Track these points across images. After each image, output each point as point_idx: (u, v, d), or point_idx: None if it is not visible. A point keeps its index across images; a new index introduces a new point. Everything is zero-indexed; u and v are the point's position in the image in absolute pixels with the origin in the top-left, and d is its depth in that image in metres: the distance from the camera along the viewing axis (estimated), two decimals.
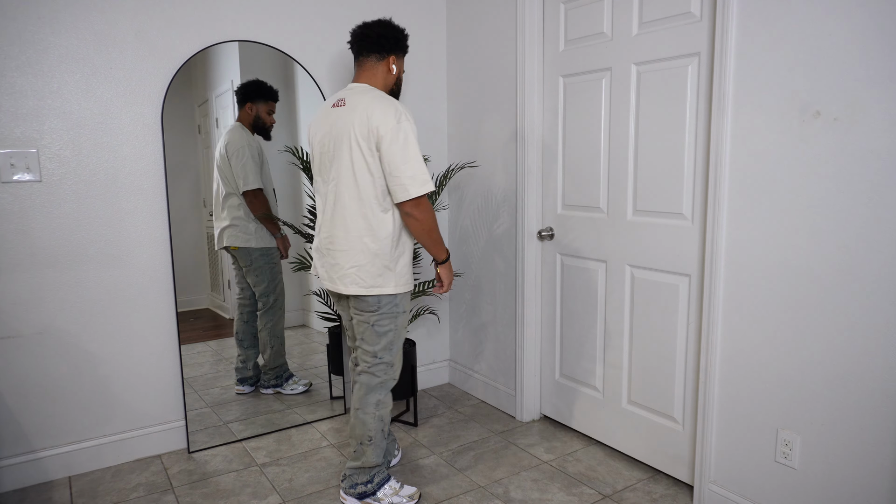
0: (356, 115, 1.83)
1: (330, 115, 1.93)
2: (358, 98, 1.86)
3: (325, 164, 1.94)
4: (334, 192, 1.90)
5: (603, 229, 2.36)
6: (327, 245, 1.94)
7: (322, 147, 1.94)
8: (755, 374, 1.86)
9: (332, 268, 1.93)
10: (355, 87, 1.94)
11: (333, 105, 1.93)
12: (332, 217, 1.91)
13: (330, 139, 1.90)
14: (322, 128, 1.94)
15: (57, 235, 2.23)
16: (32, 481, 2.27)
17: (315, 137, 1.97)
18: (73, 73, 2.20)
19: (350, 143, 1.83)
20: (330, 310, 2.82)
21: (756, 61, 1.76)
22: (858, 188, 1.57)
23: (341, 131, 1.86)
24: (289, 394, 2.79)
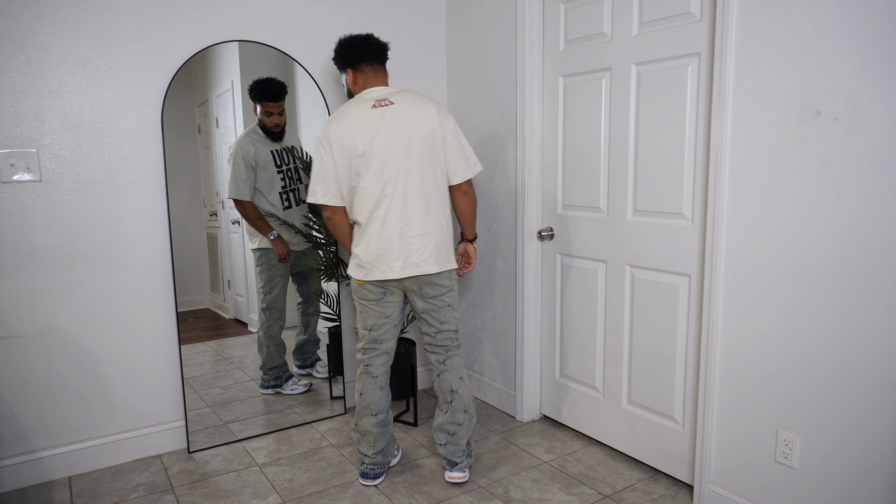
0: (414, 111, 2.03)
1: (377, 115, 2.01)
2: (405, 97, 2.05)
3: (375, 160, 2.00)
4: (402, 184, 2.01)
5: (603, 229, 2.36)
6: (403, 234, 2.03)
7: (375, 146, 2.00)
8: (755, 374, 1.86)
9: (416, 252, 2.04)
10: (387, 89, 2.10)
11: (374, 106, 2.02)
12: (403, 207, 2.02)
13: (391, 136, 2.00)
14: (372, 127, 2.00)
15: (57, 235, 2.23)
16: (33, 481, 2.27)
17: (355, 139, 2.00)
18: (74, 74, 2.20)
19: (419, 136, 2.02)
20: (330, 310, 2.82)
21: (756, 61, 1.76)
22: (858, 188, 1.57)
23: (405, 128, 2.01)
24: (288, 394, 2.80)
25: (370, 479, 2.22)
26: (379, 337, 2.16)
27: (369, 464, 2.21)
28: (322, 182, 2.05)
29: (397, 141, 2.00)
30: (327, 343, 2.87)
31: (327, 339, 2.88)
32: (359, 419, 2.20)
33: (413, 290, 2.11)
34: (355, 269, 2.11)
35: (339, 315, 2.85)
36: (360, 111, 2.03)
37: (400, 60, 2.90)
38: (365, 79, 2.12)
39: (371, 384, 2.18)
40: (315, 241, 2.73)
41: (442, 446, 2.23)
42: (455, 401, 2.19)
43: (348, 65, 2.12)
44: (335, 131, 2.03)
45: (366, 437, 2.20)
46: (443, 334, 2.18)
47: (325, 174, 2.05)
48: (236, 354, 2.72)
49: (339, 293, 2.83)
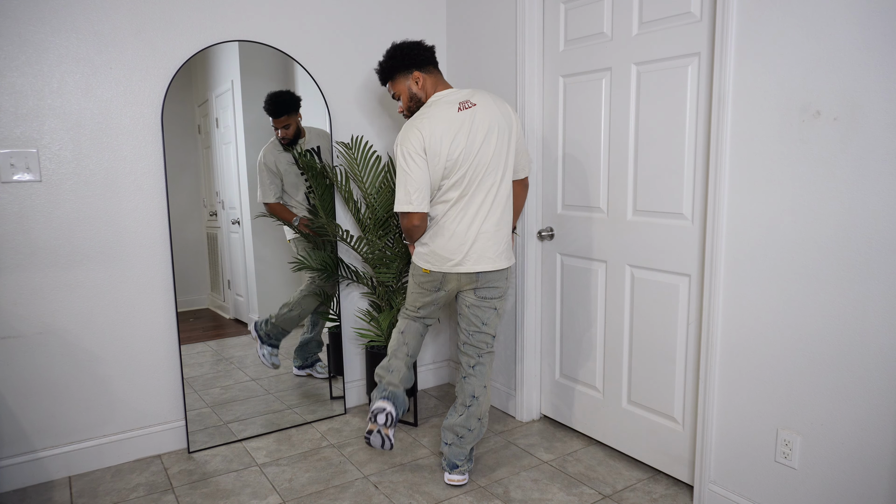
0: (494, 111, 2.06)
1: (466, 118, 2.02)
2: (483, 98, 2.07)
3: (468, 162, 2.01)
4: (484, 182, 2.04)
5: (603, 229, 2.36)
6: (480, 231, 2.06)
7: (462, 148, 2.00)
8: (755, 374, 1.86)
9: (490, 248, 2.08)
10: (463, 90, 2.11)
11: (459, 109, 2.03)
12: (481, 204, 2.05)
13: (475, 138, 2.01)
14: (463, 130, 2.00)
15: (57, 235, 2.23)
16: (33, 481, 2.27)
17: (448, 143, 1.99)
18: (73, 73, 2.20)
19: (501, 136, 2.06)
20: (330, 310, 2.82)
21: (756, 61, 1.76)
22: (858, 188, 1.57)
23: (489, 127, 2.04)
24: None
25: (388, 401, 2.13)
26: (427, 315, 2.25)
27: (391, 389, 2.17)
28: (417, 191, 2.00)
29: (484, 142, 2.02)
30: (327, 343, 2.87)
31: (327, 340, 2.88)
32: (392, 357, 2.22)
33: (468, 287, 2.13)
34: (425, 259, 2.12)
35: (340, 315, 2.85)
36: (447, 115, 2.01)
37: None
38: (434, 80, 2.12)
39: (414, 329, 2.25)
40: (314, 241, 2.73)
41: (447, 446, 2.23)
42: (473, 406, 2.20)
43: (416, 66, 2.10)
44: (428, 137, 1.98)
45: (393, 372, 2.20)
46: (480, 335, 2.18)
47: (420, 183, 2.00)
48: (236, 354, 2.72)
49: (339, 293, 2.83)
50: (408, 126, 2.02)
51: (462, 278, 2.11)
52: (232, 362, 2.72)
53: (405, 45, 2.13)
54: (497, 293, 2.16)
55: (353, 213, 2.67)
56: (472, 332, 2.19)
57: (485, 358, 2.21)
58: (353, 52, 2.78)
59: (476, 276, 2.11)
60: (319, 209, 2.68)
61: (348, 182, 2.66)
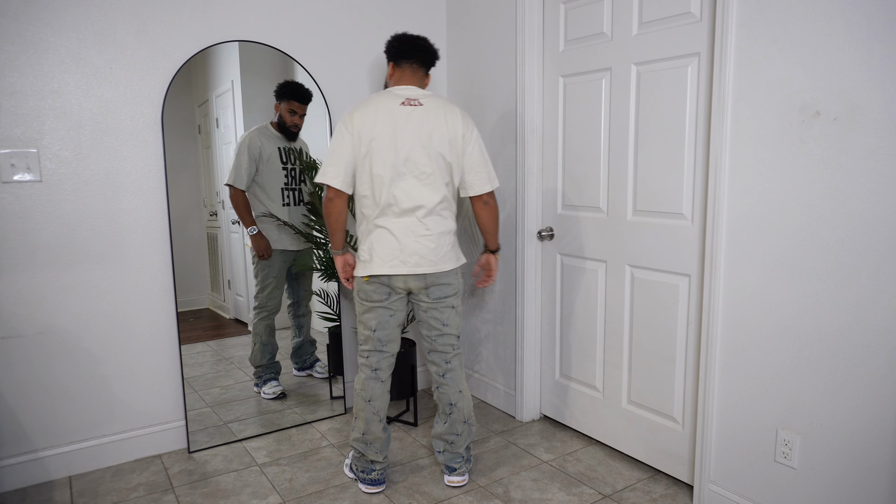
0: (438, 116, 2.03)
1: (404, 112, 2.01)
2: (434, 102, 2.05)
3: (398, 156, 1.99)
4: (417, 184, 2.02)
5: (603, 229, 2.36)
6: (415, 232, 2.04)
7: (396, 140, 1.99)
8: (755, 374, 1.86)
9: (433, 251, 2.06)
10: (418, 90, 2.08)
11: (403, 103, 2.02)
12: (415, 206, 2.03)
13: (405, 134, 2.00)
14: (397, 123, 2.00)
15: (57, 235, 2.23)
16: (33, 481, 2.28)
17: (375, 130, 1.99)
18: (74, 74, 2.20)
19: (438, 143, 2.02)
20: (330, 310, 2.82)
21: (756, 61, 1.76)
22: (858, 188, 1.57)
23: (427, 130, 2.01)
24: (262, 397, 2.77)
25: (380, 484, 2.19)
26: (385, 337, 2.12)
27: (380, 470, 2.18)
28: (335, 164, 2.00)
29: (418, 142, 2.00)
30: (327, 343, 2.87)
31: (327, 339, 2.88)
32: (367, 427, 2.13)
33: (418, 290, 2.09)
34: (362, 265, 2.07)
35: (339, 315, 2.85)
36: (388, 104, 2.01)
37: None
38: (401, 75, 2.11)
39: (380, 389, 2.14)
40: (315, 241, 2.73)
41: (440, 453, 2.23)
42: (454, 413, 2.18)
43: (391, 58, 2.12)
44: (360, 117, 2.00)
45: (374, 443, 2.15)
46: (444, 338, 2.15)
47: (340, 156, 2.00)
48: (236, 354, 2.72)
49: (340, 293, 2.83)
50: (352, 108, 2.06)
51: (409, 280, 2.07)
52: (232, 362, 2.72)
53: (394, 36, 2.14)
54: (450, 290, 2.11)
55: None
56: (435, 337, 2.15)
57: (453, 362, 2.18)
58: (353, 52, 2.78)
59: (423, 276, 2.06)
60: (319, 208, 2.68)
61: None
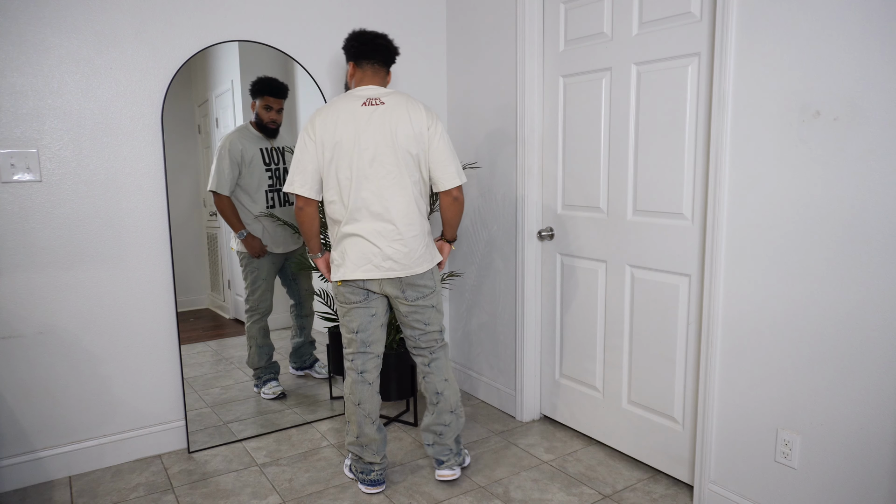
0: (402, 114, 2.00)
1: (366, 113, 1.99)
2: (396, 99, 2.02)
3: (363, 158, 1.98)
4: (385, 185, 2.00)
5: (603, 229, 2.36)
6: (386, 236, 2.01)
7: (360, 143, 1.98)
8: (755, 374, 1.86)
9: (406, 255, 2.03)
10: (380, 89, 2.06)
11: (364, 104, 2.00)
12: (385, 209, 2.01)
13: (369, 134, 1.98)
14: (359, 124, 1.98)
15: (57, 235, 2.23)
16: (33, 481, 2.28)
17: (337, 133, 1.97)
18: (73, 74, 2.20)
19: (404, 140, 2.00)
20: (330, 310, 2.82)
21: (756, 61, 1.76)
22: (858, 188, 1.57)
23: (391, 128, 1.99)
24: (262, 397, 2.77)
25: (380, 485, 2.19)
26: (367, 339, 2.11)
27: (378, 470, 2.18)
28: (301, 172, 2.00)
29: (383, 141, 1.98)
30: (327, 343, 2.87)
31: (327, 339, 2.88)
32: (360, 430, 2.13)
33: (395, 294, 2.07)
34: (336, 269, 2.06)
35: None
36: (348, 106, 2.00)
37: (400, 60, 2.90)
38: (362, 75, 2.07)
39: (369, 392, 2.13)
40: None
41: (430, 446, 2.24)
42: (441, 402, 2.19)
43: (351, 58, 2.09)
44: (321, 123, 1.98)
45: (370, 445, 2.15)
46: (427, 336, 2.16)
47: (305, 164, 2.00)
48: (236, 354, 2.72)
49: None
50: (313, 113, 2.05)
51: (384, 284, 2.06)
52: (232, 362, 2.72)
53: (351, 34, 2.09)
54: (427, 291, 2.10)
55: None
56: (419, 336, 2.16)
57: (438, 353, 2.19)
58: None
59: (398, 280, 2.04)
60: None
61: None
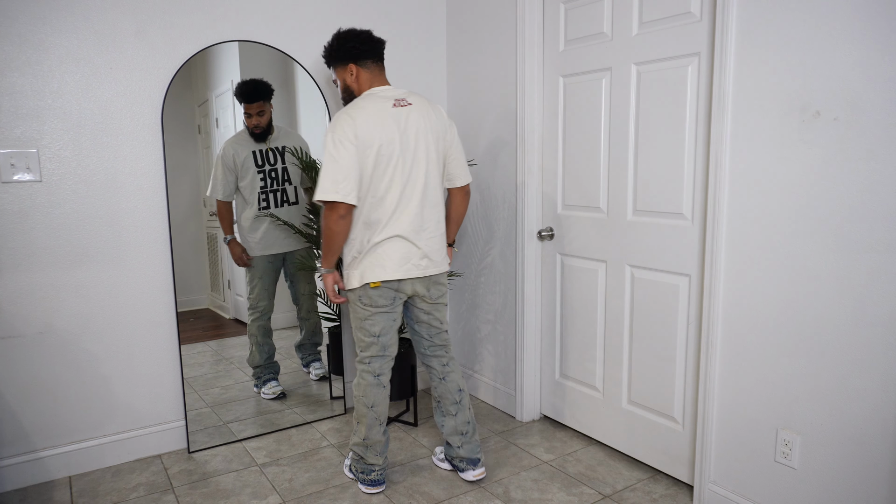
0: (429, 113, 2.04)
1: (396, 114, 1.98)
2: (417, 100, 2.04)
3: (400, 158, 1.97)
4: (420, 184, 2.01)
5: (603, 229, 2.36)
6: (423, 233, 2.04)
7: (404, 145, 1.98)
8: (755, 374, 1.86)
9: (437, 252, 2.09)
10: (399, 89, 2.07)
11: (394, 105, 1.99)
12: (421, 207, 2.03)
13: (408, 135, 1.99)
14: (397, 126, 1.97)
15: (57, 235, 2.23)
16: (33, 481, 2.28)
17: (381, 135, 1.94)
18: (73, 74, 2.20)
19: (434, 139, 2.04)
20: (330, 310, 2.82)
21: (756, 61, 1.76)
22: (858, 188, 1.57)
23: (422, 128, 2.01)
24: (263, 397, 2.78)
25: (380, 485, 2.19)
26: (388, 342, 2.10)
27: (379, 471, 2.18)
28: (346, 178, 1.89)
29: (423, 143, 2.01)
30: (327, 343, 2.87)
31: (327, 340, 2.88)
32: (368, 432, 2.12)
33: (422, 293, 2.10)
34: (376, 270, 2.01)
35: (339, 315, 2.85)
36: (381, 108, 1.97)
37: (400, 60, 2.90)
38: (371, 75, 2.06)
39: (383, 395, 2.13)
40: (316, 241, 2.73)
41: (459, 448, 2.22)
42: (463, 399, 2.23)
43: (352, 59, 2.04)
44: (362, 124, 1.91)
45: (374, 447, 2.15)
46: (441, 335, 2.20)
47: (348, 170, 1.89)
48: (236, 354, 2.72)
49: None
50: (339, 114, 1.96)
51: (416, 283, 2.07)
52: (232, 362, 2.72)
53: (346, 35, 2.06)
54: (444, 290, 2.17)
55: None
56: (434, 335, 2.19)
57: (451, 351, 2.25)
58: None
59: (429, 278, 2.09)
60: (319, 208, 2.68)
61: None
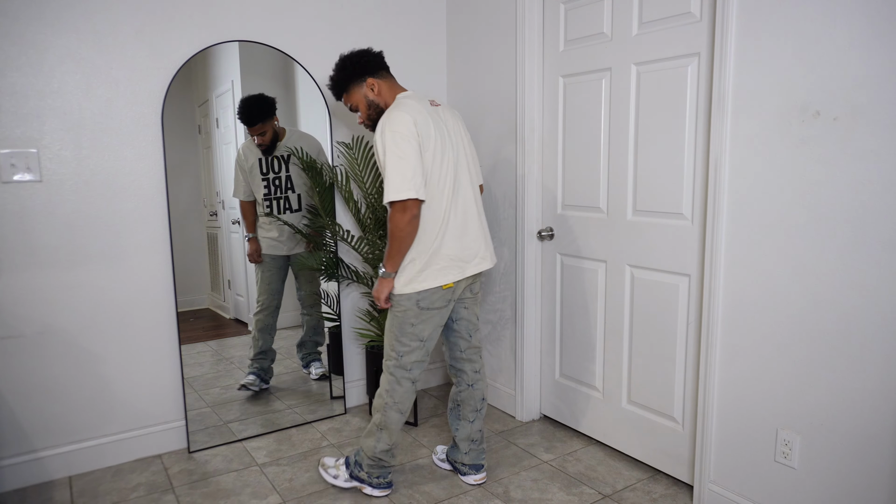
0: (455, 114, 2.10)
1: (440, 114, 2.01)
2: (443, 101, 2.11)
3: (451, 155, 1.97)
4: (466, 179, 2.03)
5: (603, 229, 2.36)
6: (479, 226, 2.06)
7: (452, 142, 1.99)
8: (755, 374, 1.86)
9: (487, 246, 2.09)
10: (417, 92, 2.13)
11: (431, 104, 2.01)
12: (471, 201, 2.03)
13: (450, 136, 1.99)
14: (441, 124, 1.98)
15: (57, 235, 2.23)
16: (33, 481, 2.28)
17: (434, 131, 1.92)
18: (74, 74, 2.20)
19: (467, 138, 2.10)
20: (330, 310, 2.82)
21: (756, 61, 1.76)
22: (858, 188, 1.57)
23: (459, 130, 2.06)
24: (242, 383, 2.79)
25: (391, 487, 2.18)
26: (431, 347, 2.04)
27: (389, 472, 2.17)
28: (414, 175, 1.81)
29: (460, 139, 2.03)
30: (327, 343, 2.87)
31: (327, 340, 2.88)
32: (397, 438, 2.08)
33: (467, 287, 2.09)
34: (449, 270, 1.95)
35: (340, 315, 2.85)
36: (424, 107, 1.94)
37: (400, 61, 2.90)
38: (390, 85, 2.04)
39: (412, 395, 2.07)
40: (315, 241, 2.73)
41: (466, 454, 2.22)
42: (483, 409, 2.21)
43: (369, 73, 2.01)
44: (418, 120, 1.86)
45: (395, 448, 2.11)
46: (478, 333, 2.19)
47: (416, 166, 1.82)
48: (236, 354, 2.72)
49: (339, 293, 2.83)
50: (392, 113, 1.87)
51: (475, 277, 2.08)
52: (232, 362, 2.72)
53: (353, 54, 2.03)
54: (480, 280, 2.16)
55: (354, 212, 2.67)
56: (472, 333, 2.16)
57: (482, 355, 2.23)
58: None
59: (479, 273, 2.10)
60: (320, 209, 2.68)
61: (349, 182, 2.66)
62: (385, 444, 2.07)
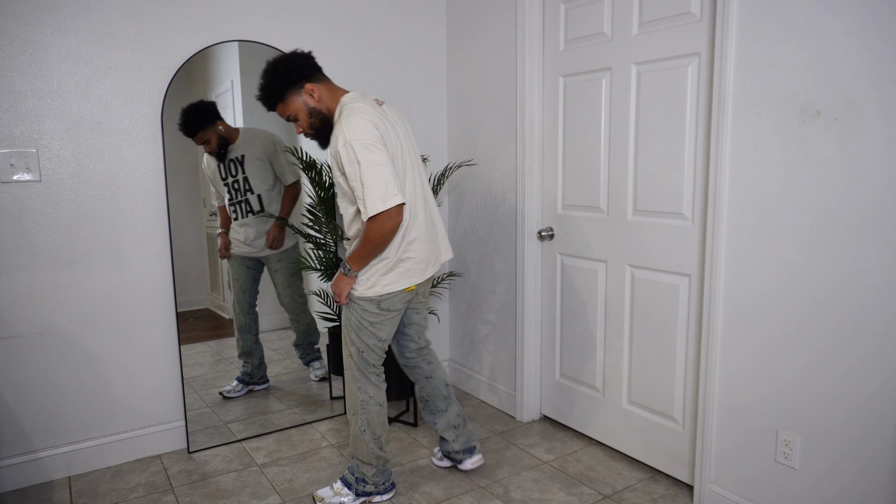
0: (399, 113, 2.07)
1: (385, 112, 1.94)
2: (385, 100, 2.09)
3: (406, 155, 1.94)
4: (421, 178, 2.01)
5: (603, 229, 2.36)
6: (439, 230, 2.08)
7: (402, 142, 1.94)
8: (755, 374, 1.86)
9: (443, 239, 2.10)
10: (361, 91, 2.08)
11: (377, 102, 1.96)
12: (428, 203, 2.02)
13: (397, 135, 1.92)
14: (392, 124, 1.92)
15: (57, 235, 2.23)
16: (32, 481, 2.27)
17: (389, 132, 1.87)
18: (73, 73, 2.20)
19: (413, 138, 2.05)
20: (330, 310, 2.82)
21: (756, 61, 1.76)
22: (858, 188, 1.57)
23: (405, 127, 2.02)
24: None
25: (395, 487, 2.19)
26: (386, 347, 2.04)
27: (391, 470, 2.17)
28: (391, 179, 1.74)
29: (406, 138, 1.98)
30: (327, 343, 2.87)
31: (327, 340, 2.87)
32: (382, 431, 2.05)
33: (425, 292, 2.10)
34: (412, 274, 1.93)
35: (339, 315, 2.85)
36: (374, 108, 1.86)
37: (400, 61, 2.90)
38: (328, 88, 1.91)
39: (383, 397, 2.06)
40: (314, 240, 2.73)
41: (453, 442, 2.23)
42: (451, 393, 2.24)
43: (307, 78, 1.87)
44: (377, 123, 1.80)
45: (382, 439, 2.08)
46: (425, 333, 2.21)
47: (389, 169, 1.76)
48: (236, 354, 2.72)
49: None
50: (351, 121, 1.77)
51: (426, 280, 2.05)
52: (232, 362, 2.72)
53: (284, 58, 1.88)
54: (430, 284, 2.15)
55: None
56: (421, 334, 2.18)
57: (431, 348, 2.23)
58: (353, 51, 2.78)
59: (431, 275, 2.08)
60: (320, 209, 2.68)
61: None
62: (376, 446, 2.05)
